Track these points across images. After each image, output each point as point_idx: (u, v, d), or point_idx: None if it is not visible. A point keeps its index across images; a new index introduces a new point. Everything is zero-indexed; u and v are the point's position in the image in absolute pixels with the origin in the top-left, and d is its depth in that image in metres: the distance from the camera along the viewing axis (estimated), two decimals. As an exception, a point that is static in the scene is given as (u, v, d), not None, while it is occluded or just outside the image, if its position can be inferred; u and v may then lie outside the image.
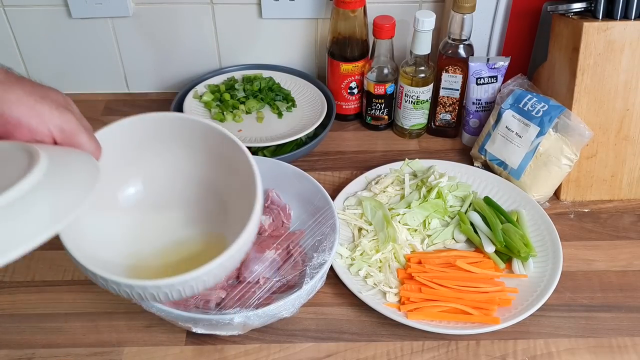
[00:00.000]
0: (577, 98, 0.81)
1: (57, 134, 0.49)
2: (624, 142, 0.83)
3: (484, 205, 0.81)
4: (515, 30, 0.94)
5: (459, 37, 0.87)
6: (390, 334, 0.69)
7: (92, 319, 0.70)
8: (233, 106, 0.96)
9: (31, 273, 0.75)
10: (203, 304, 0.67)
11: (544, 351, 0.67)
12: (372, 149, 0.96)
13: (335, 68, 0.95)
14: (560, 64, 0.84)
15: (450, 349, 0.67)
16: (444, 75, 0.91)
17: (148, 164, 0.64)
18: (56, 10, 0.97)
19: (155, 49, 1.03)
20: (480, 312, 0.69)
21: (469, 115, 0.93)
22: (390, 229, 0.77)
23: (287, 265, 0.71)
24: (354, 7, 0.89)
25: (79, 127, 0.50)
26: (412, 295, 0.70)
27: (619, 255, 0.78)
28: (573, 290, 0.74)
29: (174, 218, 0.66)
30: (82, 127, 0.51)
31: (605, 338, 0.68)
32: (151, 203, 0.65)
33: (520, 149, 0.84)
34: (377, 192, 0.84)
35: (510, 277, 0.74)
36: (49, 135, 0.48)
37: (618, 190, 0.86)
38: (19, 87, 0.48)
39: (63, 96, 0.52)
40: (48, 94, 0.50)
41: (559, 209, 0.85)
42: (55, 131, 0.49)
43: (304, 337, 0.68)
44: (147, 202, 0.65)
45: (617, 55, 0.78)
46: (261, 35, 1.01)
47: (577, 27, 0.78)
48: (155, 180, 0.65)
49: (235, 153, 0.60)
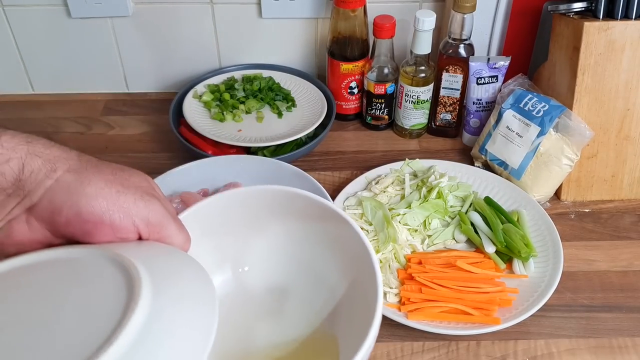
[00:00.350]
0: (578, 98, 0.81)
1: (143, 228, 0.42)
2: (624, 142, 0.83)
3: (484, 205, 0.80)
4: (516, 30, 0.94)
5: (459, 37, 0.87)
6: (391, 334, 0.69)
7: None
8: (233, 106, 0.96)
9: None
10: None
11: (544, 351, 0.67)
12: (373, 149, 0.96)
13: (335, 68, 0.95)
14: (560, 63, 0.84)
15: (451, 350, 0.67)
16: (444, 75, 0.90)
17: (239, 247, 0.54)
18: (55, 9, 0.96)
19: (154, 48, 1.02)
20: (480, 313, 0.69)
21: (470, 115, 0.93)
22: (391, 229, 0.77)
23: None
24: (354, 6, 0.89)
25: (167, 216, 0.43)
26: (412, 296, 0.70)
27: (619, 256, 0.78)
28: (574, 291, 0.73)
29: (269, 312, 0.55)
30: (170, 216, 0.43)
31: (606, 338, 0.68)
32: (241, 295, 0.55)
33: (521, 149, 0.84)
34: (378, 192, 0.84)
35: (510, 278, 0.74)
36: (134, 230, 0.41)
37: (619, 191, 0.86)
38: (97, 177, 0.40)
39: (146, 178, 0.44)
40: (130, 179, 0.42)
41: (560, 209, 0.85)
42: (141, 225, 0.41)
43: (304, 337, 0.68)
44: (237, 294, 0.54)
45: (617, 55, 0.78)
46: (261, 35, 1.01)
47: (578, 27, 0.78)
48: (249, 266, 0.55)
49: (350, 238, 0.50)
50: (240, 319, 0.54)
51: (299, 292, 0.55)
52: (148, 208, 0.41)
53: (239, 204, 0.51)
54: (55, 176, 0.39)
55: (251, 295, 0.55)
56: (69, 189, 0.39)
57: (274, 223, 0.54)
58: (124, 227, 0.41)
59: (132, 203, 0.41)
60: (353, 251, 0.50)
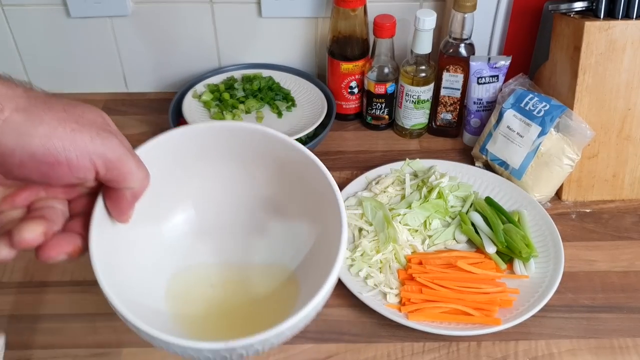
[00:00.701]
0: (579, 98, 0.80)
1: (101, 166, 0.40)
2: (625, 141, 0.83)
3: (485, 205, 0.80)
4: (517, 30, 0.93)
5: (460, 36, 0.87)
6: (391, 335, 0.68)
7: (91, 320, 0.70)
8: (232, 106, 0.95)
9: (30, 273, 0.75)
10: (203, 306, 0.66)
11: (545, 352, 0.67)
12: (373, 148, 0.95)
13: (335, 67, 0.95)
14: (561, 63, 0.83)
15: (451, 350, 0.67)
16: (444, 74, 0.90)
17: (200, 185, 0.53)
18: (55, 9, 0.96)
19: (154, 48, 1.02)
20: (481, 313, 0.68)
21: (470, 114, 0.93)
22: (391, 229, 0.77)
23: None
24: (354, 5, 0.89)
25: (125, 153, 0.41)
26: (412, 296, 0.70)
27: (620, 256, 0.78)
28: (574, 291, 0.73)
29: (231, 250, 0.55)
30: (128, 152, 0.42)
31: (607, 339, 0.68)
32: (203, 232, 0.55)
33: (522, 148, 0.83)
34: (378, 192, 0.84)
35: (511, 278, 0.73)
36: (92, 169, 0.40)
37: (620, 191, 0.85)
38: (49, 115, 0.38)
39: (100, 113, 0.42)
40: (84, 115, 0.40)
41: (561, 209, 0.85)
42: (99, 163, 0.40)
43: (304, 338, 0.68)
44: (199, 232, 0.54)
45: (618, 55, 0.78)
46: (261, 35, 1.01)
47: (579, 27, 0.78)
48: (209, 204, 0.54)
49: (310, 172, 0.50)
50: (201, 258, 0.54)
51: (261, 233, 0.55)
52: (105, 145, 0.40)
53: (198, 141, 0.50)
54: (3, 117, 0.37)
55: (213, 234, 0.55)
56: (19, 130, 0.37)
57: (236, 162, 0.53)
58: (82, 167, 0.39)
59: (89, 141, 0.39)
60: (318, 192, 0.50)
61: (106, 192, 0.44)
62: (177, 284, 0.52)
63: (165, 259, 0.52)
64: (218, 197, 0.54)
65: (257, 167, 0.53)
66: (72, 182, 0.40)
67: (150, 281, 0.50)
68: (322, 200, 0.50)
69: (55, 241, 0.41)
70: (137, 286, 0.47)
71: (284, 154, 0.51)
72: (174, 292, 0.51)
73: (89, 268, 0.79)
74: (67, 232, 0.43)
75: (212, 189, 0.54)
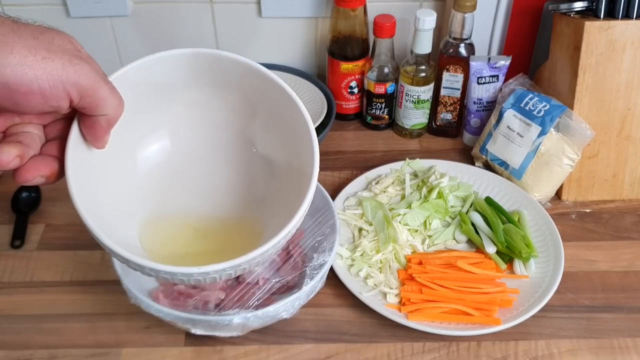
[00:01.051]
0: (579, 97, 0.80)
1: (74, 94, 0.40)
2: (625, 141, 0.83)
3: (485, 205, 0.80)
4: (517, 30, 0.93)
5: (459, 36, 0.87)
6: (391, 335, 0.68)
7: (90, 320, 0.70)
8: (233, 106, 0.95)
9: (29, 274, 0.75)
10: (202, 305, 0.66)
11: (545, 352, 0.67)
12: (373, 148, 0.95)
13: (335, 67, 0.95)
14: (561, 63, 0.83)
15: (451, 350, 0.67)
16: (444, 74, 0.90)
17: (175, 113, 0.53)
18: (54, 9, 0.96)
19: (154, 48, 1.01)
20: (481, 313, 0.68)
21: (470, 114, 0.93)
22: (391, 229, 0.77)
23: (287, 266, 0.71)
24: (354, 5, 0.89)
25: (97, 79, 0.41)
26: (412, 296, 0.70)
27: (620, 256, 0.78)
28: (574, 291, 0.73)
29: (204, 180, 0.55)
30: (101, 79, 0.42)
31: (607, 339, 0.68)
32: (178, 161, 0.55)
33: (522, 148, 0.83)
34: (378, 192, 0.83)
35: (511, 278, 0.73)
36: (65, 97, 0.40)
37: (620, 190, 0.85)
38: (19, 43, 0.38)
39: (69, 39, 0.42)
40: (53, 41, 0.40)
41: (561, 209, 0.85)
42: (73, 91, 0.40)
43: (303, 338, 0.68)
44: (173, 161, 0.54)
45: (618, 55, 0.78)
46: (261, 34, 1.01)
47: (579, 27, 0.78)
48: (183, 133, 0.54)
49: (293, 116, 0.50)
50: (174, 188, 0.54)
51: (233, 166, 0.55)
52: (78, 73, 0.40)
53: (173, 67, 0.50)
54: None
55: (189, 163, 0.55)
56: None
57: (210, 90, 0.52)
58: (55, 96, 0.39)
59: (61, 69, 0.39)
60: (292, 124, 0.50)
61: (81, 119, 0.44)
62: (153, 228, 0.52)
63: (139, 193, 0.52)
64: (193, 126, 0.54)
65: (231, 96, 0.52)
66: (45, 110, 0.41)
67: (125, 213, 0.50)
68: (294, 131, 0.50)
69: (32, 164, 0.42)
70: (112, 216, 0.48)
71: (257, 83, 0.51)
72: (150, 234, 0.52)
73: (89, 268, 0.79)
74: (44, 155, 0.43)
75: (187, 117, 0.53)
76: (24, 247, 0.78)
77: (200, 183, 0.55)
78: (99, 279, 0.74)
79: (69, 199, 0.43)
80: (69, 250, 0.77)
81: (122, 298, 0.65)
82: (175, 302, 0.67)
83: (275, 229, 0.46)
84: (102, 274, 0.75)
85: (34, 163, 0.42)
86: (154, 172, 0.54)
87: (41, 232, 0.80)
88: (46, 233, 0.80)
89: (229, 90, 0.52)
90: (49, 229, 0.81)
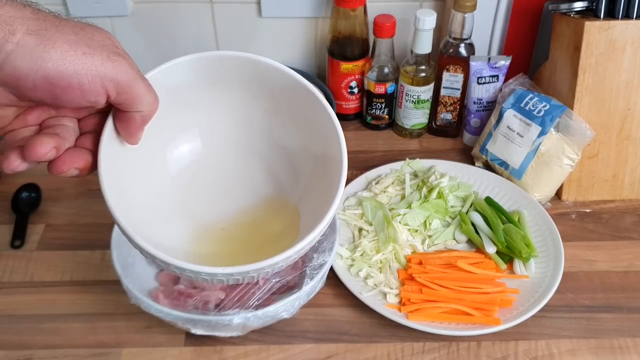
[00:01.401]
0: (579, 97, 0.80)
1: (112, 89, 0.41)
2: (625, 141, 0.83)
3: (485, 205, 0.80)
4: (517, 30, 0.93)
5: (460, 36, 0.87)
6: (391, 335, 0.68)
7: (90, 320, 0.70)
8: (233, 106, 0.95)
9: (29, 274, 0.75)
10: (202, 305, 0.66)
11: (545, 352, 0.67)
12: (373, 148, 0.95)
13: (335, 67, 0.95)
14: (561, 63, 0.83)
15: (451, 350, 0.67)
16: (444, 74, 0.90)
17: (205, 114, 0.54)
18: (54, 9, 0.94)
19: (154, 48, 1.02)
20: (481, 313, 0.68)
21: (470, 114, 0.93)
22: (391, 229, 0.77)
23: (287, 266, 0.71)
24: (354, 5, 0.89)
25: (135, 76, 0.42)
26: (412, 296, 0.70)
27: (620, 256, 0.78)
28: (574, 291, 0.73)
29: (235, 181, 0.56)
30: (138, 76, 0.42)
31: (607, 339, 0.68)
32: (208, 161, 0.55)
33: (522, 148, 0.83)
34: (378, 192, 0.83)
35: (511, 278, 0.73)
36: (103, 93, 0.41)
37: (620, 190, 0.85)
38: (60, 38, 0.39)
39: (108, 35, 0.42)
40: (93, 38, 0.41)
41: (561, 209, 0.85)
42: (110, 86, 0.41)
43: (303, 338, 0.68)
44: (204, 160, 0.55)
45: (618, 55, 0.78)
46: (261, 34, 1.01)
47: (579, 27, 0.78)
48: (214, 133, 0.55)
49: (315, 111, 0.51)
50: (207, 185, 0.55)
51: (265, 164, 0.56)
52: (116, 69, 0.40)
53: (207, 68, 0.50)
54: (15, 39, 0.38)
55: (218, 163, 0.56)
56: (32, 53, 0.38)
57: (243, 92, 0.53)
58: (93, 91, 0.40)
59: (100, 65, 0.40)
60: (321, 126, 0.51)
61: (116, 115, 0.45)
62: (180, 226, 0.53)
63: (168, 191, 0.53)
64: (223, 127, 0.55)
65: (262, 97, 0.53)
66: (83, 105, 0.41)
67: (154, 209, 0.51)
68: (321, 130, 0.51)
69: (67, 156, 0.43)
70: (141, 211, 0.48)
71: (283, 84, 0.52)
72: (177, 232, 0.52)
73: (89, 268, 0.79)
74: (78, 148, 0.44)
75: (218, 118, 0.54)
76: (24, 247, 0.78)
77: (229, 183, 0.56)
78: (99, 279, 0.74)
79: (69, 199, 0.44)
80: (68, 250, 0.77)
81: (122, 298, 0.65)
82: (175, 302, 0.67)
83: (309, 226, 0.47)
84: (102, 274, 0.75)
85: (69, 155, 0.43)
86: (184, 171, 0.55)
87: (41, 232, 0.80)
88: (46, 233, 0.80)
89: (260, 90, 0.53)
90: (49, 229, 0.81)
